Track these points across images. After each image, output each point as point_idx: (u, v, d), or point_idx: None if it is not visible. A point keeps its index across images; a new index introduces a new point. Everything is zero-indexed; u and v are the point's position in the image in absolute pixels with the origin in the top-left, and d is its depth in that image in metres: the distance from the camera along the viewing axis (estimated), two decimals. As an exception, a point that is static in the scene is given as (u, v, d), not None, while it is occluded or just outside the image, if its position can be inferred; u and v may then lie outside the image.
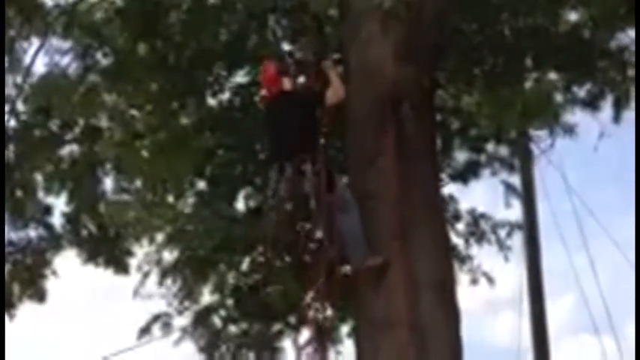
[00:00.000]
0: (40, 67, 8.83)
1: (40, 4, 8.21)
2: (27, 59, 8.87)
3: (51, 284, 9.89)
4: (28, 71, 9.16)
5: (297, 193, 5.48)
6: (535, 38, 6.38)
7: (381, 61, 6.32)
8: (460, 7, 6.23)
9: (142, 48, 7.40)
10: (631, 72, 6.46)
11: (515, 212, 10.03)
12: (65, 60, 8.22)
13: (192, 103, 7.92)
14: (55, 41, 8.44)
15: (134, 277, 9.38)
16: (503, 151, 8.87)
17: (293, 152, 5.49)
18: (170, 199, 9.03)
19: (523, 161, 9.39)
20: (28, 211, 9.54)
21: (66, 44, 8.15)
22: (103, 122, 9.20)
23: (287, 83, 5.82)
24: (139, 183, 9.26)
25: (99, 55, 7.73)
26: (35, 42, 8.77)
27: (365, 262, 5.60)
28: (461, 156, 8.98)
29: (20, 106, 9.07)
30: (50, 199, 9.78)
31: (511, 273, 10.81)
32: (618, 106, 6.45)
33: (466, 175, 9.03)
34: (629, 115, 7.12)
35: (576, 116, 7.48)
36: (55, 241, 9.79)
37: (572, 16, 6.77)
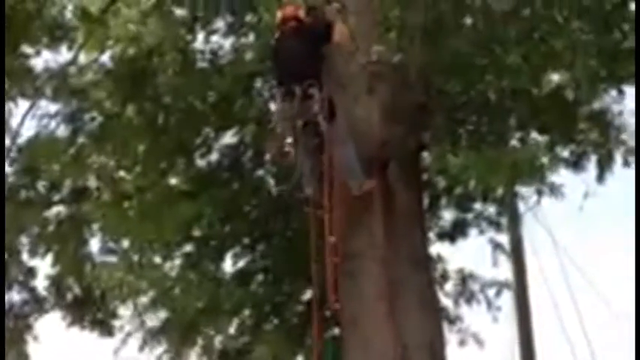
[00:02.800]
0: (28, 129, 8.89)
1: (30, 68, 8.30)
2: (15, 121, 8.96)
3: (32, 347, 9.70)
4: (16, 133, 9.20)
5: (304, 112, 5.73)
6: (518, 99, 6.50)
7: (367, 121, 6.39)
8: (444, 68, 6.34)
9: (130, 110, 7.45)
10: (613, 132, 6.58)
11: (504, 270, 10.01)
12: (54, 122, 8.25)
13: (180, 164, 7.94)
14: (44, 103, 8.51)
15: (118, 339, 9.23)
16: (491, 209, 8.93)
17: (301, 77, 5.76)
18: (157, 260, 8.94)
19: (511, 219, 9.42)
20: (12, 273, 9.42)
21: (55, 107, 8.19)
22: (91, 182, 9.19)
23: (301, 13, 6.13)
24: (125, 244, 9.18)
25: (87, 118, 7.75)
26: (24, 104, 8.88)
27: (362, 187, 5.89)
28: (448, 215, 9.03)
29: (7, 168, 9.06)
30: (34, 261, 9.68)
31: (502, 333, 10.72)
32: (602, 167, 6.53)
33: (453, 233, 9.04)
34: (616, 170, 7.20)
35: (563, 173, 7.58)
36: (38, 305, 9.63)
37: (555, 78, 6.91)
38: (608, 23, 6.16)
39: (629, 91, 6.60)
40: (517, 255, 10.75)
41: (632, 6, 6.06)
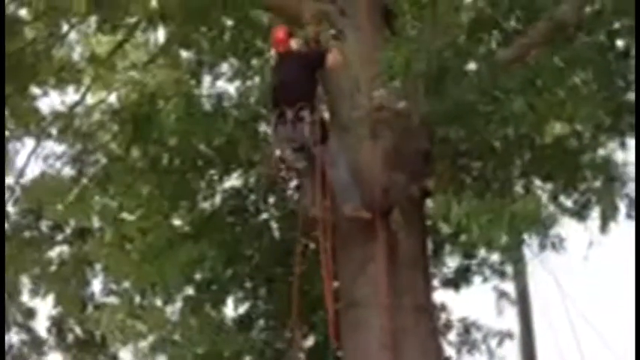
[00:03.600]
0: (33, 169, 8.94)
1: (36, 109, 8.37)
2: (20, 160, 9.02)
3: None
4: (21, 172, 9.25)
5: (296, 135, 5.91)
6: (522, 147, 6.49)
7: (370, 167, 6.38)
8: (448, 115, 6.35)
9: (134, 152, 7.47)
10: (617, 185, 6.55)
11: (510, 319, 9.88)
12: (58, 162, 8.29)
13: (183, 206, 7.93)
14: (50, 143, 8.57)
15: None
16: (495, 257, 8.85)
17: (295, 101, 5.96)
18: (158, 303, 8.87)
19: (515, 267, 9.33)
20: (11, 315, 9.35)
21: (60, 147, 8.23)
22: (94, 223, 9.18)
23: (294, 44, 6.34)
24: (127, 285, 9.12)
25: (91, 160, 7.77)
26: (29, 143, 8.94)
27: (355, 212, 5.91)
28: (452, 262, 8.95)
29: (10, 208, 9.08)
30: (34, 302, 9.63)
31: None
32: (605, 218, 6.49)
33: (457, 281, 8.95)
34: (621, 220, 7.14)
35: (568, 222, 7.51)
36: (38, 347, 9.54)
37: (558, 127, 6.91)
38: (611, 74, 6.17)
39: (632, 143, 6.59)
40: (522, 303, 10.61)
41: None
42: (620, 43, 6.22)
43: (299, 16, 6.76)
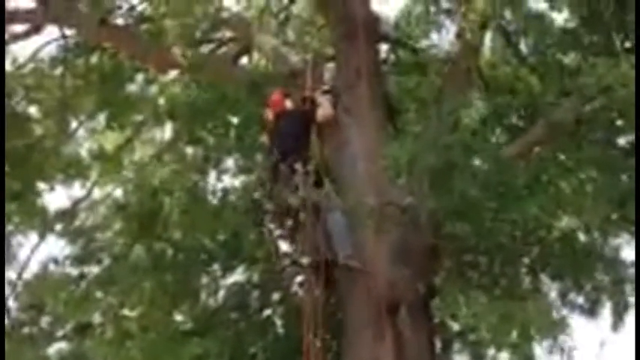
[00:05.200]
0: (35, 264, 8.87)
1: (41, 205, 8.40)
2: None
3: None
4: (23, 267, 9.18)
5: (289, 186, 6.24)
6: (529, 243, 6.44)
7: (376, 263, 6.32)
8: (455, 211, 6.33)
9: (137, 249, 7.44)
10: (629, 287, 6.46)
11: None
12: (61, 256, 8.23)
13: (186, 303, 7.81)
14: (53, 239, 8.54)
15: None
16: (505, 355, 8.62)
17: (288, 155, 6.36)
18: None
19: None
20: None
21: (63, 243, 8.20)
22: (95, 319, 9.03)
23: (288, 104, 6.89)
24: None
25: (94, 259, 7.73)
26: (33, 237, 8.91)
27: (348, 261, 6.14)
28: (461, 360, 8.70)
29: (11, 303, 8.96)
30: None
31: None
32: (617, 315, 6.36)
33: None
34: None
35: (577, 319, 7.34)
36: None
37: (566, 221, 6.88)
38: (616, 169, 6.20)
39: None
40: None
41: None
42: (622, 140, 6.28)
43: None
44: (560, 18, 7.41)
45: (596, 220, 5.96)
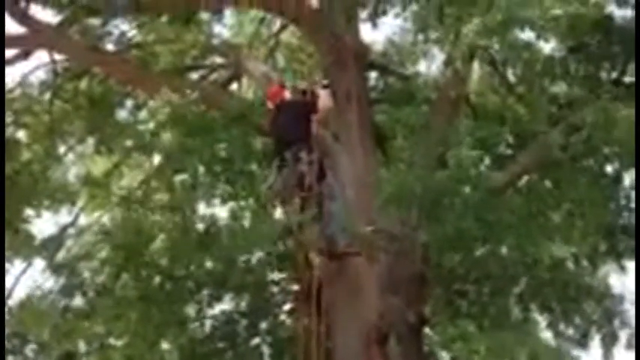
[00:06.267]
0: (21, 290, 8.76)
1: (29, 233, 8.32)
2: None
3: None
4: (9, 292, 9.05)
5: (295, 173, 6.36)
6: (518, 272, 6.43)
7: (366, 291, 6.29)
8: (444, 239, 6.32)
9: (123, 278, 7.35)
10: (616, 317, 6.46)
11: None
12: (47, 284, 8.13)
13: (172, 333, 7.70)
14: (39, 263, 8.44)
15: None
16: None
17: (292, 143, 6.47)
18: None
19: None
20: None
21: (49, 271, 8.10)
22: (81, 347, 8.90)
23: (287, 94, 7.07)
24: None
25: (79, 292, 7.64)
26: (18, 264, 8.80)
27: (347, 249, 6.25)
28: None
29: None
30: None
31: None
32: (606, 347, 6.34)
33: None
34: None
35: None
36: None
37: (554, 251, 6.88)
38: (605, 197, 6.22)
39: (629, 265, 6.55)
40: None
41: (627, 181, 6.16)
42: (610, 169, 6.30)
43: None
44: (548, 47, 7.49)
45: (584, 250, 5.96)
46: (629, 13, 6.96)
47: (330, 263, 6.34)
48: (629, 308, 6.71)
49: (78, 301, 7.62)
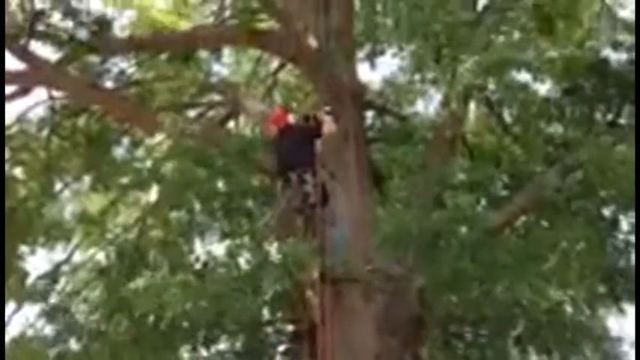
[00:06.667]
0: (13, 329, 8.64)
1: (24, 270, 8.26)
2: None
3: None
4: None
5: (299, 194, 6.43)
6: (515, 315, 6.37)
7: (362, 333, 6.23)
8: (441, 280, 6.28)
9: (116, 319, 7.25)
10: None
11: None
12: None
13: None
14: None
15: None
16: None
17: (296, 166, 6.57)
18: None
19: None
20: None
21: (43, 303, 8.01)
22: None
23: (291, 118, 7.16)
24: None
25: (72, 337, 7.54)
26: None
27: (345, 275, 6.23)
28: None
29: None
30: None
31: None
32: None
33: None
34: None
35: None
36: None
37: (553, 293, 6.83)
38: (602, 239, 6.21)
39: (629, 309, 6.51)
40: None
41: (624, 225, 6.16)
42: (607, 212, 6.30)
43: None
44: (543, 89, 7.56)
45: (582, 293, 5.93)
46: (624, 56, 7.05)
47: (328, 299, 6.24)
48: (628, 350, 6.66)
49: (72, 344, 7.51)
